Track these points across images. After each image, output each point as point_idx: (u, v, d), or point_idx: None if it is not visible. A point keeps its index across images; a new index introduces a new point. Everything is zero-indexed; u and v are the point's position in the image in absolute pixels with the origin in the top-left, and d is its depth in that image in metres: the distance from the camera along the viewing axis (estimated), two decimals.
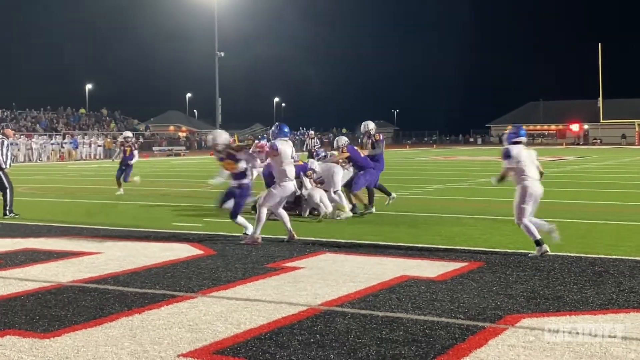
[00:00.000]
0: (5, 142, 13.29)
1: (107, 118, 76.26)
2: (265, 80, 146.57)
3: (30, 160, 46.09)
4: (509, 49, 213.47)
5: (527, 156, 8.72)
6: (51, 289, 6.76)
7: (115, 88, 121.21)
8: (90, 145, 52.35)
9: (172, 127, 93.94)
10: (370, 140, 13.57)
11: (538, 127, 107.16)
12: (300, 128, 77.35)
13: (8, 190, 13.06)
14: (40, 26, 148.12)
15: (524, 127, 9.71)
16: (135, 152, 18.41)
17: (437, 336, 5.12)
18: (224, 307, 6.02)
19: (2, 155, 13.07)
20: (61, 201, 16.36)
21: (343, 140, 13.58)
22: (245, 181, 9.87)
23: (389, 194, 13.61)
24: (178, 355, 4.72)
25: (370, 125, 13.70)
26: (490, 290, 6.57)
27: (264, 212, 9.53)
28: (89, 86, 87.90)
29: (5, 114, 64.67)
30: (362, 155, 13.24)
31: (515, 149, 8.71)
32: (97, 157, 51.08)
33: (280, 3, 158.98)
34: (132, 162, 18.13)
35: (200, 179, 17.20)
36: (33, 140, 49.24)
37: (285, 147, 9.63)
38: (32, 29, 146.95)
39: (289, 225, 9.64)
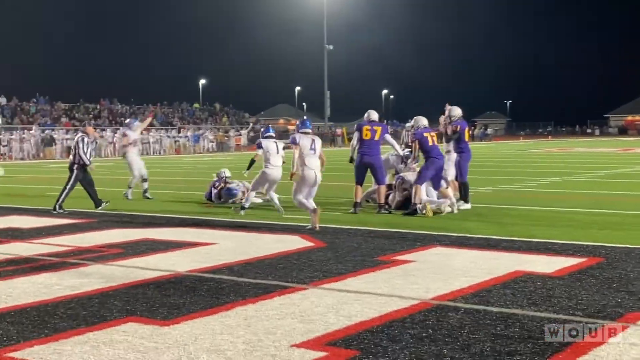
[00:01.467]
0: (86, 140, 13.58)
1: (220, 112, 78.21)
2: (373, 73, 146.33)
3: (147, 154, 47.89)
4: (630, 36, 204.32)
5: (306, 144, 10.53)
6: (170, 278, 7.00)
7: (227, 83, 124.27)
8: (204, 139, 53.83)
9: (281, 121, 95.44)
10: (450, 128, 12.64)
11: None
12: (409, 120, 76.90)
13: (69, 186, 13.36)
14: (157, 25, 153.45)
15: None
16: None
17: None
18: (335, 299, 6.06)
19: (85, 153, 13.36)
20: (177, 193, 16.91)
21: (421, 122, 12.35)
22: None
23: (465, 199, 12.47)
24: (291, 345, 4.79)
25: (455, 111, 12.69)
26: (610, 287, 6.32)
27: (301, 201, 10.52)
28: (202, 81, 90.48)
29: (125, 108, 67.46)
30: (431, 144, 11.91)
31: (298, 137, 10.57)
32: (210, 150, 52.43)
33: None
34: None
35: None
36: (150, 134, 51.08)
37: (305, 140, 10.61)
38: (148, 28, 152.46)
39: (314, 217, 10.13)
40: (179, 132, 55.95)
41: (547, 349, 4.63)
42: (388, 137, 12.57)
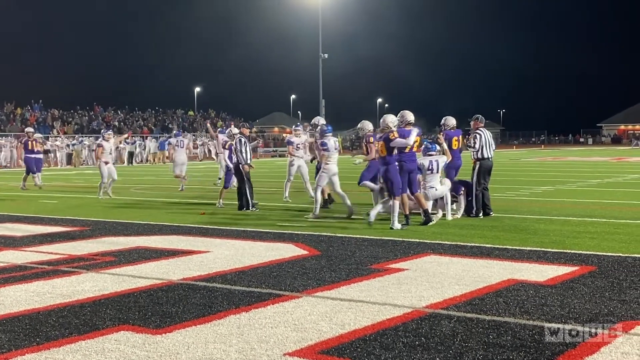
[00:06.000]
0: (243, 140, 14.39)
1: (215, 119, 78.22)
2: (368, 81, 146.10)
3: (147, 162, 47.77)
4: (622, 47, 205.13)
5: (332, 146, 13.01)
6: (162, 286, 6.99)
7: (222, 90, 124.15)
8: (198, 146, 53.65)
9: (276, 129, 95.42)
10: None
11: None
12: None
13: (248, 186, 14.25)
14: (152, 32, 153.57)
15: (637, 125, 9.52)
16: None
17: (546, 342, 4.98)
18: (329, 307, 6.06)
19: (244, 152, 14.25)
20: (170, 201, 16.89)
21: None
22: None
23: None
24: (284, 354, 4.78)
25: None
26: (602, 296, 6.34)
27: None
28: (197, 89, 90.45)
29: (120, 115, 67.42)
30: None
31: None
32: (200, 158, 52.38)
33: (383, 3, 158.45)
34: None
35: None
36: (147, 141, 50.92)
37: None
38: (143, 35, 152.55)
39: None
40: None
41: (540, 358, 4.64)
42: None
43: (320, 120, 15.49)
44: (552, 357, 4.67)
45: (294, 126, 17.04)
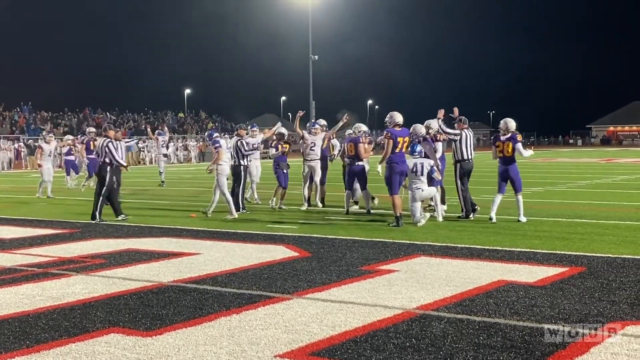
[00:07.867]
0: (244, 142, 14.11)
1: (206, 120, 78.12)
2: (358, 82, 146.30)
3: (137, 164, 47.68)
4: (612, 48, 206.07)
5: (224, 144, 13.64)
6: (153, 289, 6.97)
7: (213, 93, 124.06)
8: (186, 148, 53.51)
9: (266, 130, 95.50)
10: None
11: None
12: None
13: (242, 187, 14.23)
14: (142, 34, 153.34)
15: (626, 127, 9.65)
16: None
17: (536, 343, 5.00)
18: (319, 308, 6.06)
19: (248, 153, 14.10)
20: (160, 203, 16.85)
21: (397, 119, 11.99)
22: None
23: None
24: (275, 356, 4.78)
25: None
26: (592, 297, 6.37)
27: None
28: (187, 91, 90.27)
29: (111, 117, 67.23)
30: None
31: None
32: (192, 160, 52.29)
33: (373, 4, 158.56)
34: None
35: (296, 182, 17.36)
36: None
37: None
38: (133, 37, 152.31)
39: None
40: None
41: (530, 359, 4.66)
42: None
43: (321, 121, 15.90)
44: (542, 357, 4.68)
45: (249, 126, 16.75)
